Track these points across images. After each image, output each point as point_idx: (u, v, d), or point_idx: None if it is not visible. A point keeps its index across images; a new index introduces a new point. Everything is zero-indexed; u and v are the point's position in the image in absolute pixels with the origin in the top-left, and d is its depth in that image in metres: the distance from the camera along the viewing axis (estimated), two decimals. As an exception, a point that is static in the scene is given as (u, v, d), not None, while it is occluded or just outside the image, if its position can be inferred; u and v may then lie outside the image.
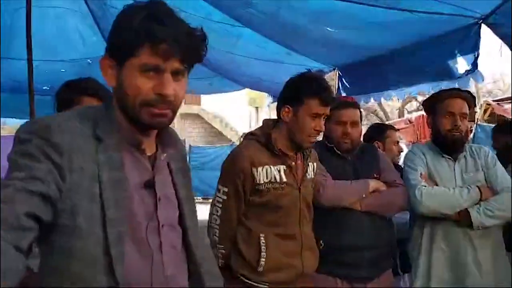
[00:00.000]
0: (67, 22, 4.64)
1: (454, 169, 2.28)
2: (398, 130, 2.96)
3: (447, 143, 2.27)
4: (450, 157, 2.30)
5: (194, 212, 1.18)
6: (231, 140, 16.22)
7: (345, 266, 2.10)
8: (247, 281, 1.82)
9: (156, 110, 0.99)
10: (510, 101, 8.19)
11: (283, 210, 1.84)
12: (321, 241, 2.07)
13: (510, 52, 2.68)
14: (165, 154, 1.11)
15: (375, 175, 2.23)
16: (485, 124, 7.77)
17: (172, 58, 0.97)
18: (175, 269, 1.07)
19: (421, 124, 10.21)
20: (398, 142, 2.92)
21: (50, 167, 0.88)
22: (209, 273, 1.17)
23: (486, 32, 2.85)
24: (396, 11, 2.92)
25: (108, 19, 4.41)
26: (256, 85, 5.80)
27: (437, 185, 2.22)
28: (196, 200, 3.32)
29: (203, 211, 2.16)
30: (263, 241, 1.80)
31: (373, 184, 2.17)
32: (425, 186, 2.18)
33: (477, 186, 2.18)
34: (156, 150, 1.10)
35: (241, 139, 2.41)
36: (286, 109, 1.82)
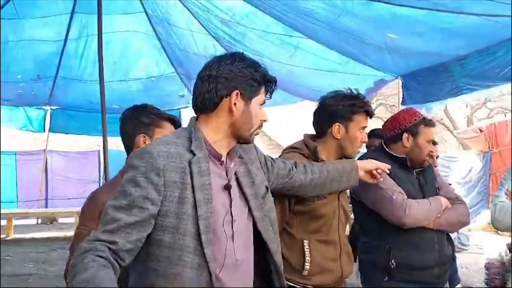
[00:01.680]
0: (134, 44, 4.92)
1: None
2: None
3: None
4: None
5: (261, 205, 1.40)
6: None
7: (416, 283, 2.07)
8: (293, 284, 1.90)
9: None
10: None
11: (325, 218, 1.93)
12: (392, 260, 2.03)
13: None
14: (233, 164, 1.38)
15: (437, 191, 2.20)
16: None
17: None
18: (245, 255, 1.34)
19: (493, 133, 9.58)
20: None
21: (148, 192, 1.19)
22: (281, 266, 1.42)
23: None
24: (464, 15, 2.79)
25: (172, 38, 4.62)
26: (315, 97, 5.73)
27: None
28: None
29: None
30: (307, 246, 1.90)
31: (443, 202, 2.13)
32: (503, 202, 2.12)
33: None
34: (226, 161, 1.38)
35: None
36: (337, 126, 1.92)
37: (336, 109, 1.93)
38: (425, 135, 2.12)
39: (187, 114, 6.64)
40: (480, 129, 10.15)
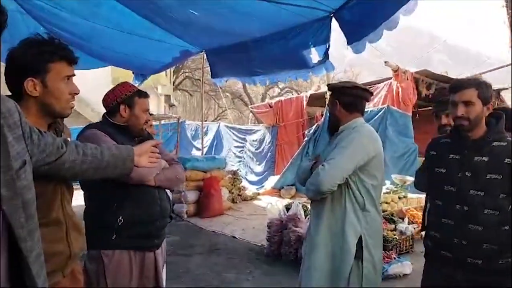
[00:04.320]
0: None
1: None
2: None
3: None
4: None
5: (12, 180, 1.17)
6: (90, 121, 15.09)
7: (141, 238, 2.22)
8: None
9: None
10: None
11: (43, 197, 1.56)
12: (120, 217, 2.14)
13: (347, 44, 2.99)
14: None
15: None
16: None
17: None
18: None
19: (280, 109, 11.01)
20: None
21: None
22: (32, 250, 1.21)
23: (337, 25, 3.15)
24: (258, 1, 3.05)
25: None
26: (120, 62, 5.46)
27: None
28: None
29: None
30: None
31: (162, 162, 2.33)
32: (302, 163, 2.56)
33: None
34: None
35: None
36: (30, 82, 1.59)
37: (24, 62, 1.59)
38: (140, 105, 2.31)
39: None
40: (270, 105, 11.49)
